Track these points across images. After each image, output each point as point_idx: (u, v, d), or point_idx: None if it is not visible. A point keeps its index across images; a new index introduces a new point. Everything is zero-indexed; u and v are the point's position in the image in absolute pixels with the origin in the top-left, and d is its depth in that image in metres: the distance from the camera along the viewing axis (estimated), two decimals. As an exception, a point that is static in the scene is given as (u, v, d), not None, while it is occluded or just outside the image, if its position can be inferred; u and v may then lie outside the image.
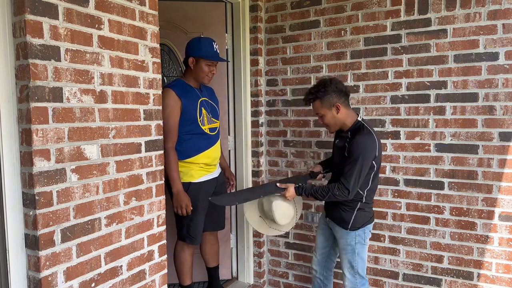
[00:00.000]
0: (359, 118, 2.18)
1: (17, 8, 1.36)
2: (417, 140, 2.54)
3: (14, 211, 1.41)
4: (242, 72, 2.99)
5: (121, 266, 1.73)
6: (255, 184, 3.06)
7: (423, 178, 2.54)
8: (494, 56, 2.30)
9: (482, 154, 2.37)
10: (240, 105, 3.03)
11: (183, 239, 2.49)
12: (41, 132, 1.40)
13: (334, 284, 2.65)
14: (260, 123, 3.05)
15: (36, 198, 1.39)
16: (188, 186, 2.40)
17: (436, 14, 2.43)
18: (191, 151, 2.41)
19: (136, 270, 1.81)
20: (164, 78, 3.11)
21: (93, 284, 1.61)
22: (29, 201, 1.41)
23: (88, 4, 1.54)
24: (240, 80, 3.01)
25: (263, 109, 3.07)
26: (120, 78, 1.69)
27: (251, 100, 3.04)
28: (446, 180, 2.48)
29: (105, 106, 1.63)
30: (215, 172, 2.57)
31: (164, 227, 1.97)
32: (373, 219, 2.26)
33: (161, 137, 1.94)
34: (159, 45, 1.89)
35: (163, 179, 1.97)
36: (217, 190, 2.58)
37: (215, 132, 2.54)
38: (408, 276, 2.64)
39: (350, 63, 2.71)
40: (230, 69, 3.04)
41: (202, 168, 2.46)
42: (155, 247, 1.92)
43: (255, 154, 3.07)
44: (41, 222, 1.41)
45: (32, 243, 1.42)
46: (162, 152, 1.95)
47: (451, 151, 2.45)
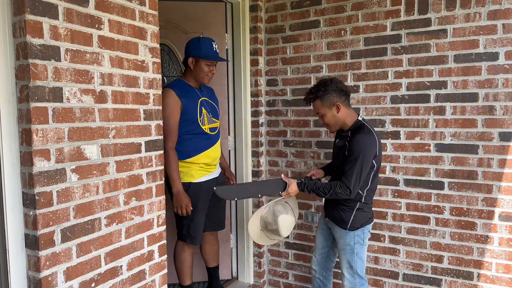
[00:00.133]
0: (360, 117, 2.18)
1: (17, 8, 1.36)
2: (417, 140, 2.54)
3: (14, 211, 1.41)
4: (242, 72, 2.99)
5: (121, 266, 1.73)
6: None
7: (423, 178, 2.54)
8: (494, 56, 2.30)
9: (482, 154, 2.37)
10: (240, 105, 3.03)
11: (183, 239, 2.49)
12: (41, 132, 1.40)
13: (334, 284, 2.65)
14: (260, 123, 3.05)
15: (36, 198, 1.39)
16: (188, 186, 2.40)
17: (436, 14, 2.43)
18: (191, 151, 2.41)
19: (136, 270, 1.81)
20: (164, 78, 3.11)
21: (93, 284, 1.61)
22: (29, 201, 1.41)
23: (88, 4, 1.54)
24: (240, 80, 3.01)
25: (263, 109, 3.07)
26: (120, 78, 1.70)
27: (251, 100, 3.04)
28: (446, 180, 2.48)
29: (105, 106, 1.63)
30: (215, 172, 2.57)
31: (164, 227, 1.97)
32: (372, 219, 2.26)
33: (161, 137, 1.94)
34: (159, 45, 1.89)
35: (163, 179, 1.97)
36: (217, 190, 2.59)
37: (215, 132, 2.54)
38: (408, 276, 2.64)
39: (350, 63, 2.71)
40: (230, 69, 3.04)
41: (202, 168, 2.46)
42: (155, 247, 1.92)
43: (255, 154, 3.07)
44: (41, 222, 1.41)
45: (32, 243, 1.42)
46: (162, 152, 1.95)
47: (451, 151, 2.45)
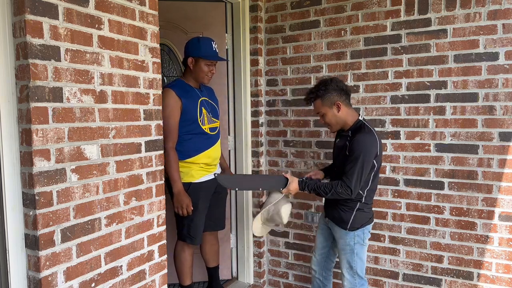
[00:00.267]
0: (360, 117, 2.18)
1: (17, 8, 1.36)
2: (417, 140, 2.54)
3: (14, 211, 1.41)
4: (242, 72, 2.99)
5: (121, 266, 1.73)
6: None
7: (423, 178, 2.54)
8: (494, 56, 2.30)
9: (482, 154, 2.37)
10: (240, 105, 3.03)
11: (183, 239, 2.49)
12: (41, 132, 1.40)
13: (334, 284, 2.64)
14: (260, 123, 3.05)
15: (36, 198, 1.39)
16: (189, 186, 2.40)
17: (436, 14, 2.43)
18: (191, 151, 2.41)
19: (136, 270, 1.81)
20: (164, 78, 3.11)
21: (93, 284, 1.61)
22: (29, 201, 1.41)
23: (88, 4, 1.54)
24: (240, 80, 3.01)
25: (263, 109, 3.07)
26: (120, 78, 1.69)
27: (251, 100, 3.04)
28: (446, 180, 2.48)
29: (105, 106, 1.63)
30: (216, 172, 2.57)
31: (164, 227, 1.97)
32: (372, 219, 2.25)
33: (161, 137, 1.94)
34: (159, 45, 1.89)
35: (163, 179, 1.97)
36: (217, 190, 2.59)
37: (215, 132, 2.54)
38: (408, 276, 2.64)
39: (350, 63, 2.71)
40: (230, 69, 3.04)
41: (203, 168, 2.46)
42: (155, 247, 1.92)
43: (255, 154, 3.07)
44: (41, 222, 1.41)
45: (32, 243, 1.42)
46: (162, 152, 1.95)
47: (451, 151, 2.45)
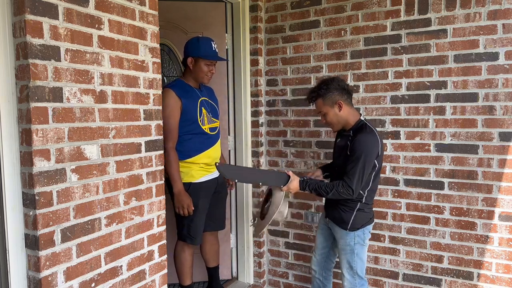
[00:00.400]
0: (362, 117, 2.18)
1: (17, 8, 1.36)
2: (417, 140, 2.54)
3: (14, 211, 1.41)
4: (242, 72, 2.99)
5: (121, 266, 1.73)
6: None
7: (423, 178, 2.54)
8: (494, 56, 2.30)
9: (482, 154, 2.37)
10: (240, 105, 3.03)
11: (183, 239, 2.49)
12: (41, 132, 1.40)
13: (334, 284, 2.64)
14: (260, 123, 3.05)
15: (36, 198, 1.39)
16: (189, 186, 2.40)
17: (436, 14, 2.43)
18: (191, 151, 2.41)
19: (136, 270, 1.81)
20: (164, 78, 3.11)
21: (93, 284, 1.61)
22: (29, 201, 1.41)
23: (88, 4, 1.54)
24: (240, 80, 3.01)
25: (263, 109, 3.07)
26: (120, 78, 1.69)
27: (251, 100, 3.04)
28: (446, 180, 2.48)
29: (105, 106, 1.63)
30: (216, 172, 2.56)
31: (164, 227, 1.97)
32: (373, 220, 2.25)
33: (161, 137, 1.94)
34: (159, 45, 1.89)
35: (163, 179, 1.97)
36: (217, 190, 2.59)
37: (215, 132, 2.54)
38: (408, 276, 2.64)
39: (350, 63, 2.71)
40: (230, 69, 3.04)
41: (203, 168, 2.46)
42: (155, 247, 1.92)
43: (255, 154, 3.07)
44: (41, 222, 1.41)
45: (32, 243, 1.42)
46: (162, 152, 1.95)
47: (451, 151, 2.45)
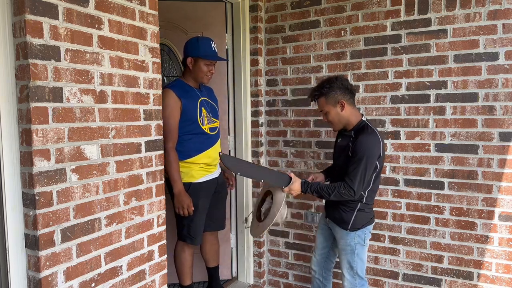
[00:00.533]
0: (363, 118, 2.18)
1: (17, 8, 1.36)
2: (417, 140, 2.54)
3: (14, 211, 1.41)
4: (242, 72, 2.99)
5: (121, 266, 1.73)
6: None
7: (423, 178, 2.54)
8: (494, 56, 2.30)
9: (482, 154, 2.37)
10: (240, 105, 3.03)
11: (183, 239, 2.49)
12: (41, 132, 1.40)
13: (334, 284, 2.64)
14: (260, 123, 3.05)
15: (36, 198, 1.39)
16: (189, 186, 2.40)
17: (436, 14, 2.43)
18: (192, 151, 2.41)
19: (136, 270, 1.81)
20: (164, 78, 3.11)
21: (93, 284, 1.61)
22: (29, 201, 1.41)
23: (88, 4, 1.54)
24: (240, 80, 3.01)
25: (263, 109, 3.07)
26: (120, 78, 1.69)
27: (251, 100, 3.04)
28: (446, 180, 2.48)
29: (105, 106, 1.63)
30: (216, 172, 2.57)
31: (164, 227, 1.97)
32: (373, 220, 2.25)
33: (161, 137, 1.94)
34: (159, 45, 1.89)
35: (163, 179, 1.96)
36: (217, 190, 2.59)
37: (215, 131, 2.54)
38: (408, 276, 2.64)
39: (350, 63, 2.71)
40: (230, 69, 3.04)
41: (203, 168, 2.46)
42: (155, 247, 1.92)
43: (255, 154, 3.07)
44: (41, 222, 1.41)
45: (32, 243, 1.42)
46: (162, 152, 1.95)
47: (451, 151, 2.45)
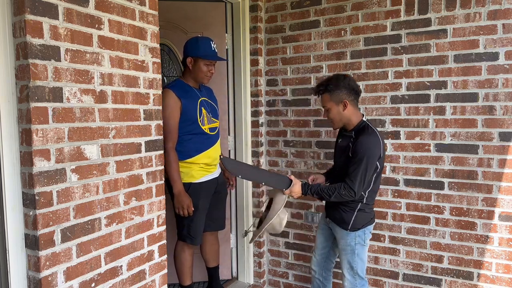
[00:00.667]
0: (364, 118, 2.18)
1: (17, 8, 1.36)
2: (417, 140, 2.54)
3: (14, 211, 1.41)
4: (242, 72, 2.99)
5: (121, 266, 1.73)
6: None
7: (423, 178, 2.54)
8: (494, 56, 2.30)
9: (482, 154, 2.37)
10: (240, 105, 3.03)
11: (183, 239, 2.49)
12: (41, 132, 1.40)
13: (334, 284, 2.64)
14: (260, 123, 3.05)
15: (36, 198, 1.39)
16: (189, 186, 2.40)
17: (436, 14, 2.43)
18: (192, 151, 2.41)
19: (136, 270, 1.81)
20: (164, 78, 3.11)
21: (93, 284, 1.61)
22: (29, 201, 1.41)
23: (88, 4, 1.54)
24: (240, 80, 3.01)
25: (263, 109, 3.07)
26: (120, 78, 1.69)
27: (251, 100, 3.04)
28: (446, 180, 2.48)
29: (105, 106, 1.63)
30: (216, 172, 2.57)
31: (164, 227, 1.97)
32: (373, 220, 2.25)
33: (161, 137, 1.94)
34: (159, 45, 1.89)
35: (163, 179, 1.97)
36: (217, 190, 2.59)
37: (215, 132, 2.54)
38: (408, 276, 2.64)
39: (350, 63, 2.71)
40: (230, 69, 3.04)
41: (203, 168, 2.46)
42: (155, 247, 1.92)
43: (255, 154, 3.07)
44: (41, 222, 1.41)
45: (32, 243, 1.42)
46: (162, 152, 1.95)
47: (451, 151, 2.45)
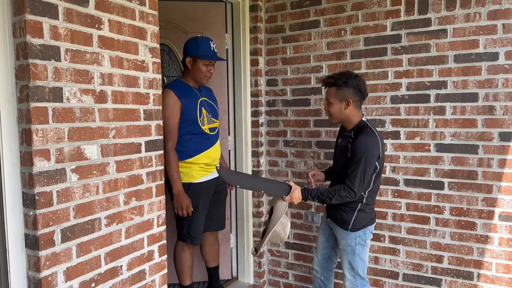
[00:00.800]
0: (364, 118, 2.18)
1: (17, 8, 1.36)
2: (417, 140, 2.54)
3: (14, 211, 1.41)
4: (242, 72, 2.99)
5: (121, 266, 1.73)
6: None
7: (423, 178, 2.54)
8: (494, 56, 2.30)
9: (482, 154, 2.37)
10: (240, 105, 3.03)
11: (183, 239, 2.49)
12: (41, 132, 1.40)
13: (335, 284, 2.64)
14: (260, 123, 3.05)
15: (36, 198, 1.39)
16: (189, 186, 2.40)
17: (436, 14, 2.43)
18: (192, 151, 2.41)
19: (136, 270, 1.81)
20: (164, 78, 3.11)
21: (93, 284, 1.61)
22: (29, 201, 1.41)
23: (88, 4, 1.54)
24: (240, 80, 3.01)
25: (263, 109, 3.07)
26: (120, 78, 1.69)
27: (251, 100, 3.04)
28: (446, 180, 2.48)
29: (105, 106, 1.63)
30: (216, 172, 2.56)
31: (164, 227, 1.97)
32: (374, 220, 2.25)
33: (161, 137, 1.94)
34: (159, 45, 1.89)
35: (163, 179, 1.97)
36: (217, 190, 2.59)
37: (215, 132, 2.54)
38: (408, 276, 2.64)
39: (350, 63, 2.70)
40: (230, 69, 3.04)
41: (203, 168, 2.46)
42: (155, 247, 1.92)
43: (255, 154, 3.07)
44: (41, 222, 1.41)
45: (32, 243, 1.42)
46: (162, 152, 1.95)
47: (451, 151, 2.45)
